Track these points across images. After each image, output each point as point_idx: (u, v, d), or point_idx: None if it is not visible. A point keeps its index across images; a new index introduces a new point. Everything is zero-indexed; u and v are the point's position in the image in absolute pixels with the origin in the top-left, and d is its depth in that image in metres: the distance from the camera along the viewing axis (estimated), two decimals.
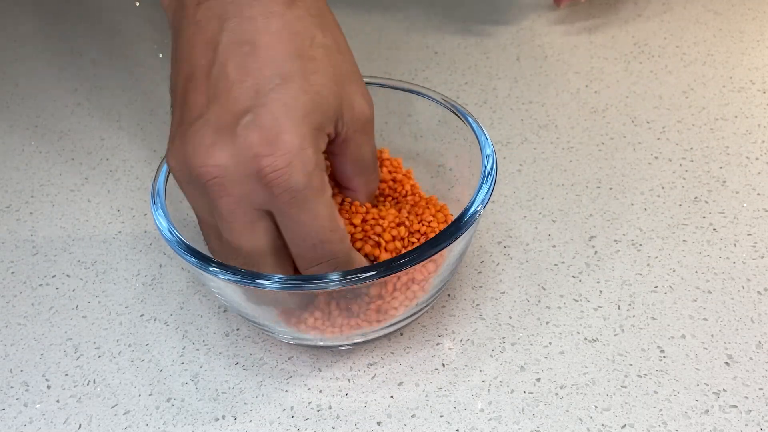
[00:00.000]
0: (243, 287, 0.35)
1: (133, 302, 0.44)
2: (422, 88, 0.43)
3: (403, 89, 0.43)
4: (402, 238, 0.38)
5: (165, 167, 0.39)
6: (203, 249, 0.36)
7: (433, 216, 0.39)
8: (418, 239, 0.38)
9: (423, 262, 0.34)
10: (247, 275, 0.34)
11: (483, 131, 0.40)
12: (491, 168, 0.37)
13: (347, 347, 0.40)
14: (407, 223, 0.38)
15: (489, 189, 0.36)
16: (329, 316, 0.36)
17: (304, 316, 0.36)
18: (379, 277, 0.33)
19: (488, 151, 0.38)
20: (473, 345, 0.39)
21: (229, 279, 0.34)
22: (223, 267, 0.34)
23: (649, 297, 0.41)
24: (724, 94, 0.55)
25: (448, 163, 0.44)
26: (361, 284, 0.34)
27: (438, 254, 0.34)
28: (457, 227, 0.35)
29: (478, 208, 0.35)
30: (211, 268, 0.34)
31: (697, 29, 0.63)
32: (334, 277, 0.33)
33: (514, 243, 0.45)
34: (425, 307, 0.39)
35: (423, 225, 0.38)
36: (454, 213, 0.39)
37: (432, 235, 0.38)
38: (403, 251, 0.37)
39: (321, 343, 0.38)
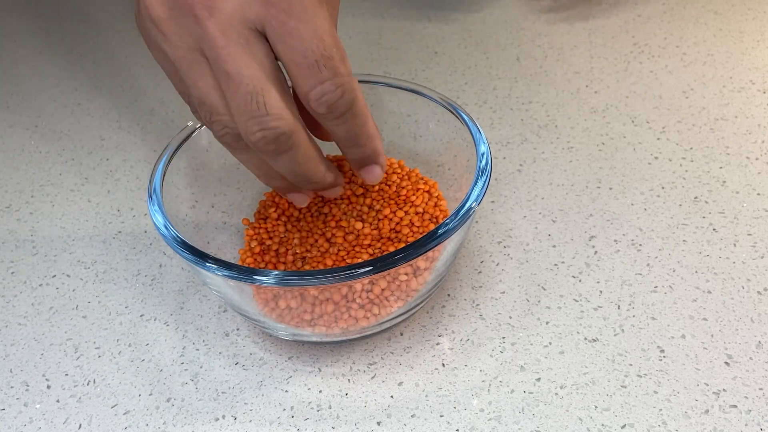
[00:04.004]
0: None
1: (133, 302, 0.44)
2: (422, 87, 0.43)
3: (402, 89, 0.44)
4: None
5: (162, 164, 0.39)
6: (200, 246, 0.36)
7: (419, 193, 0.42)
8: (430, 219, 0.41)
9: (417, 258, 0.34)
10: (243, 271, 0.34)
11: (478, 129, 0.40)
12: (486, 165, 0.38)
13: (345, 344, 0.40)
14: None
15: (484, 185, 0.37)
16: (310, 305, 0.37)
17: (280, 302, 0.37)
18: (375, 273, 0.33)
19: (483, 149, 0.39)
20: (473, 345, 0.39)
21: (225, 275, 0.34)
22: (219, 263, 0.34)
23: (649, 297, 0.41)
24: (724, 94, 0.55)
25: (447, 163, 0.44)
26: (357, 279, 0.34)
27: (432, 250, 0.34)
28: (451, 223, 0.35)
29: (473, 205, 0.36)
30: (207, 264, 0.34)
31: (697, 29, 0.63)
32: (329, 272, 0.33)
33: (514, 243, 0.45)
34: (422, 302, 0.39)
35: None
36: None
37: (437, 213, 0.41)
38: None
39: (317, 339, 0.38)
